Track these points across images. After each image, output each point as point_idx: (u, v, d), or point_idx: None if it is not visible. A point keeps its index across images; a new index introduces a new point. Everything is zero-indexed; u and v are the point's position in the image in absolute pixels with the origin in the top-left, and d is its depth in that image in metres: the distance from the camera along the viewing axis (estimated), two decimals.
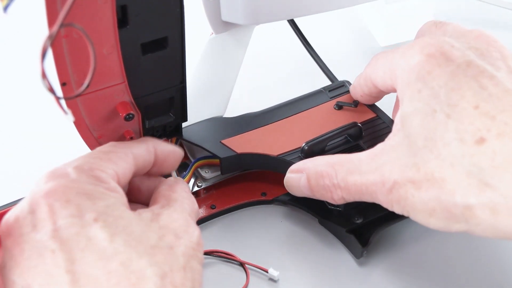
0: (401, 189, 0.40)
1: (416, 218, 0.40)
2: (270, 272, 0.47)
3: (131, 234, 0.35)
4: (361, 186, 0.42)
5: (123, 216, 0.36)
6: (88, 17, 0.36)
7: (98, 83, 0.40)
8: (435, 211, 0.39)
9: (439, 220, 0.39)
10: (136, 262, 0.34)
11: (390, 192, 0.40)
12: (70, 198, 0.35)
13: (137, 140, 0.44)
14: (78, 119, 0.42)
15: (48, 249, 0.34)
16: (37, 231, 0.35)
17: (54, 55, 0.37)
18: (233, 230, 0.50)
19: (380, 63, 0.46)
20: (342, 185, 0.43)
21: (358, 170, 0.42)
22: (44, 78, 0.28)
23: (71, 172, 0.37)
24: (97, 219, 0.35)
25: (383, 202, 0.42)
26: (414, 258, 0.48)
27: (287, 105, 0.54)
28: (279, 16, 0.54)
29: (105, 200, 0.36)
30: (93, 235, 0.34)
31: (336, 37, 0.70)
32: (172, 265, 0.35)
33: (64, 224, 0.34)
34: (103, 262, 0.34)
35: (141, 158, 0.43)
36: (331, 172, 0.44)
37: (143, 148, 0.43)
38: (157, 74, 0.44)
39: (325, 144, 0.49)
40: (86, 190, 0.36)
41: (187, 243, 0.37)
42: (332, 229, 0.49)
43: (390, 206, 0.41)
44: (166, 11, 0.40)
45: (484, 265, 0.48)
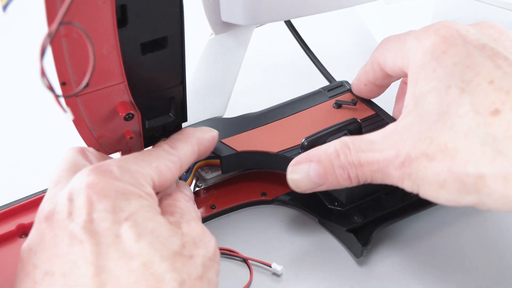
0: (414, 163, 0.40)
1: (426, 193, 0.40)
2: (274, 266, 0.47)
3: (158, 237, 0.36)
4: (374, 163, 0.42)
5: (153, 219, 0.37)
6: (87, 17, 0.36)
7: (97, 82, 0.40)
8: (446, 182, 0.38)
9: (450, 192, 0.38)
10: (157, 265, 0.35)
11: (402, 166, 0.40)
12: (108, 194, 0.36)
13: (181, 139, 0.45)
14: (78, 118, 0.42)
15: (78, 239, 0.35)
16: (72, 219, 0.36)
17: (54, 55, 0.37)
18: (234, 229, 0.50)
19: (391, 45, 0.46)
20: (356, 163, 0.43)
21: (370, 148, 0.42)
22: (43, 76, 0.29)
23: (115, 170, 0.38)
24: (127, 218, 0.36)
25: (394, 177, 0.41)
26: (414, 257, 0.48)
27: (286, 105, 0.54)
28: (279, 17, 0.54)
29: (140, 202, 0.37)
30: (121, 233, 0.35)
31: (335, 37, 0.70)
32: (190, 274, 0.36)
33: (98, 217, 0.35)
34: (125, 260, 0.34)
35: (186, 164, 0.44)
36: (345, 150, 0.43)
37: (189, 152, 0.44)
38: (157, 74, 0.44)
39: (325, 140, 0.49)
40: (125, 190, 0.37)
41: (204, 253, 0.37)
42: (331, 229, 0.49)
43: (401, 181, 0.41)
44: (165, 11, 0.40)
45: (485, 265, 0.48)
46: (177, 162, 0.43)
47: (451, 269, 0.48)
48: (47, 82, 0.29)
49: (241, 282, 0.47)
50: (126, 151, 0.47)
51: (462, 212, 0.51)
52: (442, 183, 0.39)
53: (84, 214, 0.36)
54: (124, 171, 0.39)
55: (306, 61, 0.61)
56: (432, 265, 0.48)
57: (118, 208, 0.36)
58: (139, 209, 0.37)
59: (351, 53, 0.68)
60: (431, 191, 0.39)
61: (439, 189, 0.39)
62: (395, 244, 0.49)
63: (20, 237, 0.46)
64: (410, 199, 0.49)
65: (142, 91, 0.44)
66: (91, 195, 0.36)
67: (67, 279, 0.34)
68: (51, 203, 0.37)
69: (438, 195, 0.39)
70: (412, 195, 0.49)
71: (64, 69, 0.37)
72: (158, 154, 0.43)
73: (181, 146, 0.44)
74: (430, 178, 0.39)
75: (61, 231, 0.36)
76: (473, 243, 0.49)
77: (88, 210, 0.36)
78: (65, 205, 0.36)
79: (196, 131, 0.46)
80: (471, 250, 0.49)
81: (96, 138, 0.44)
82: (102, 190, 0.36)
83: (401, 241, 0.49)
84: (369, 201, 0.49)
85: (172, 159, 0.43)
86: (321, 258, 0.48)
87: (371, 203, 0.49)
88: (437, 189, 0.39)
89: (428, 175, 0.39)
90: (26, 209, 0.47)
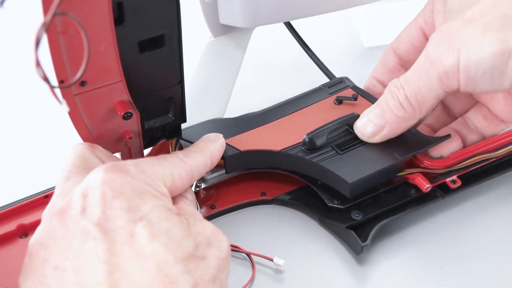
0: (452, 30, 0.44)
1: (469, 50, 0.43)
2: (276, 261, 0.47)
3: (172, 238, 0.36)
4: (415, 70, 0.46)
5: (168, 219, 0.37)
6: (84, 14, 0.36)
7: (96, 81, 0.41)
8: (489, 24, 0.43)
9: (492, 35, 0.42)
10: (171, 266, 0.35)
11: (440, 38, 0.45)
12: (124, 192, 0.36)
13: (197, 151, 0.45)
14: (77, 118, 0.42)
15: (91, 235, 0.35)
16: (85, 215, 0.35)
17: (52, 53, 0.37)
18: (235, 227, 0.50)
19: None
20: (401, 83, 0.47)
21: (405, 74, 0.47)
22: (38, 66, 0.29)
23: (131, 169, 0.38)
24: (142, 218, 0.36)
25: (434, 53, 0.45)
26: (413, 256, 0.48)
27: (287, 103, 0.54)
28: (277, 19, 0.55)
29: (155, 201, 0.37)
30: (135, 232, 0.35)
31: (331, 36, 0.70)
32: (203, 275, 0.36)
33: (112, 215, 0.35)
34: (140, 260, 0.34)
35: (197, 175, 0.44)
36: (391, 86, 0.48)
37: (202, 164, 0.44)
38: (155, 73, 0.44)
39: (326, 135, 0.49)
40: (141, 188, 0.37)
41: (218, 253, 0.37)
42: (331, 227, 0.49)
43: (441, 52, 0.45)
44: (162, 9, 0.41)
45: (485, 263, 0.48)
46: (190, 172, 0.43)
47: (451, 266, 0.47)
48: (42, 73, 0.29)
49: (243, 277, 0.47)
50: (126, 151, 0.47)
51: (462, 210, 0.51)
52: (485, 26, 0.42)
53: (99, 211, 0.35)
54: (140, 171, 0.39)
55: (306, 60, 0.61)
56: (431, 263, 0.48)
57: (133, 206, 0.36)
58: (154, 208, 0.36)
59: (347, 52, 0.68)
60: (474, 42, 0.43)
61: (482, 35, 0.42)
62: (394, 243, 0.49)
63: (20, 238, 0.46)
64: (409, 196, 0.49)
65: (140, 90, 0.44)
66: (106, 191, 0.36)
67: (79, 275, 0.34)
68: (64, 198, 0.37)
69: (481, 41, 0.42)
70: (411, 192, 0.49)
71: (62, 66, 0.38)
72: (173, 161, 0.43)
73: (195, 157, 0.44)
74: (471, 32, 0.43)
75: (73, 227, 0.35)
76: (473, 241, 0.49)
77: (103, 207, 0.35)
78: (79, 201, 0.36)
79: (208, 144, 0.46)
80: (471, 248, 0.49)
81: (95, 138, 0.44)
82: (118, 187, 0.36)
83: (401, 240, 0.49)
84: (369, 199, 0.49)
85: (185, 168, 0.43)
86: (321, 256, 0.48)
87: (370, 201, 0.49)
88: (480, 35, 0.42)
89: (468, 31, 0.43)
90: (27, 209, 0.47)
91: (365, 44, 0.68)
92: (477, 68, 0.43)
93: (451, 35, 0.44)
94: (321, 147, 0.49)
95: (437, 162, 0.50)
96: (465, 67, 0.43)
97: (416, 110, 0.47)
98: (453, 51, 0.44)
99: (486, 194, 0.52)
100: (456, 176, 0.50)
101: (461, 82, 0.44)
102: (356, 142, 0.49)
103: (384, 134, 0.48)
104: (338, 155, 0.49)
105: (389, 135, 0.48)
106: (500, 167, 0.52)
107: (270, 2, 0.52)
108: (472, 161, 0.50)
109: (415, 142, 0.49)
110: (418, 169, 0.50)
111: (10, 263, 0.44)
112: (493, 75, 0.43)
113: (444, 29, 0.45)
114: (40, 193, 0.48)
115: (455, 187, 0.49)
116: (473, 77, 0.44)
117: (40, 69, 0.29)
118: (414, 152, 0.49)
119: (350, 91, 0.54)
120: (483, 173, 0.51)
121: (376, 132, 0.48)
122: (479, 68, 0.43)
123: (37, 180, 0.50)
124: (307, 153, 0.49)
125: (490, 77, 0.43)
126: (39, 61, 0.29)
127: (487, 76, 0.43)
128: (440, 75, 0.45)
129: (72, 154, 0.41)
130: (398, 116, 0.47)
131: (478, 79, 0.44)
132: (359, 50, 0.68)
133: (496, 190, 0.52)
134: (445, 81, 0.45)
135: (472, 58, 0.43)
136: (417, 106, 0.46)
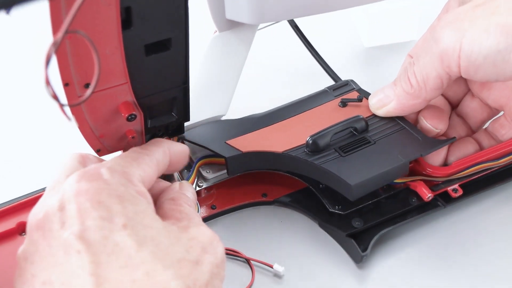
0: (457, 21, 0.44)
1: (471, 41, 0.43)
2: (275, 267, 0.47)
3: (159, 245, 0.35)
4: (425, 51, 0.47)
5: (152, 225, 0.36)
6: (91, 19, 0.36)
7: (101, 83, 0.40)
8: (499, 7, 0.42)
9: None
10: (161, 273, 0.34)
11: (447, 24, 0.45)
12: (101, 200, 0.35)
13: (153, 143, 0.44)
14: (81, 118, 0.42)
15: (74, 248, 0.34)
16: (65, 229, 0.35)
17: (57, 56, 0.37)
18: (235, 229, 0.50)
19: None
20: (412, 60, 0.48)
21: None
22: (48, 85, 0.28)
23: (104, 172, 0.37)
24: (126, 225, 0.35)
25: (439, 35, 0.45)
26: (413, 261, 0.48)
27: (291, 105, 0.54)
28: (284, 16, 0.54)
29: (136, 205, 0.36)
30: (120, 241, 0.34)
31: (328, 35, 0.69)
32: (196, 280, 0.35)
33: (93, 225, 0.34)
34: (128, 269, 0.34)
35: (162, 164, 0.43)
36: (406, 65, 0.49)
37: (161, 153, 0.43)
38: (160, 75, 0.43)
39: (330, 137, 0.49)
40: (118, 192, 0.36)
41: (212, 259, 0.37)
42: (332, 232, 0.49)
43: (446, 38, 0.44)
44: (170, 13, 0.40)
45: (486, 270, 0.48)
46: (155, 161, 0.42)
47: (451, 273, 0.48)
48: (52, 91, 0.29)
49: (243, 282, 0.47)
50: (127, 150, 0.47)
51: (462, 217, 0.51)
52: (494, 9, 0.42)
53: (78, 223, 0.35)
54: (113, 172, 0.38)
55: (308, 61, 0.61)
56: (431, 270, 0.48)
57: (113, 214, 0.35)
58: (136, 214, 0.36)
59: (347, 52, 0.67)
60: (480, 23, 0.42)
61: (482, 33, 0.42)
62: (394, 248, 0.49)
63: (20, 235, 0.46)
64: (410, 204, 0.49)
65: (145, 92, 0.43)
66: (82, 202, 0.35)
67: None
68: (42, 209, 0.37)
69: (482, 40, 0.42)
70: (412, 201, 0.49)
71: (67, 70, 0.37)
72: (137, 156, 0.42)
73: (152, 148, 0.43)
74: (478, 14, 0.43)
75: (55, 241, 0.35)
76: (474, 248, 0.49)
77: (81, 218, 0.35)
78: (56, 215, 0.35)
79: (160, 140, 0.45)
80: (472, 255, 0.49)
81: (98, 137, 0.44)
82: (94, 195, 0.35)
83: (401, 244, 0.49)
84: (370, 205, 0.49)
85: (151, 159, 0.42)
86: (322, 259, 0.48)
87: (371, 207, 0.49)
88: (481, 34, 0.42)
89: (476, 13, 0.43)
90: (27, 207, 0.47)
91: (365, 45, 0.68)
92: (480, 51, 0.43)
93: (459, 16, 0.44)
94: (324, 149, 0.49)
95: (439, 170, 0.49)
96: (467, 48, 0.43)
97: (422, 88, 0.47)
98: (457, 31, 0.43)
99: (487, 202, 0.52)
100: (457, 185, 0.50)
101: (461, 63, 0.44)
102: (359, 144, 0.49)
103: (391, 107, 0.49)
104: (341, 157, 0.48)
105: (395, 110, 0.49)
106: (501, 176, 0.52)
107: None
108: (474, 169, 0.50)
109: (420, 144, 0.49)
110: (419, 176, 0.50)
111: (10, 260, 0.44)
112: (496, 61, 0.43)
113: (454, 11, 0.45)
114: (40, 191, 0.48)
115: (456, 196, 0.49)
116: (475, 60, 0.43)
117: (50, 87, 0.28)
118: (418, 154, 0.48)
119: (355, 94, 0.54)
120: (484, 181, 0.51)
121: (384, 104, 0.50)
122: (481, 52, 0.43)
123: (37, 178, 0.50)
124: (310, 155, 0.49)
125: (493, 62, 0.43)
126: (49, 80, 0.28)
127: (490, 60, 0.43)
128: (441, 54, 0.44)
129: (61, 165, 0.40)
130: (405, 90, 0.48)
131: (479, 63, 0.43)
132: (359, 50, 0.67)
133: (497, 198, 0.52)
134: (445, 60, 0.44)
135: (475, 39, 0.42)
136: (422, 83, 0.47)
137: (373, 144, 0.49)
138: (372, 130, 0.50)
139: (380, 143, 0.49)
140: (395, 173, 0.48)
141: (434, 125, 0.50)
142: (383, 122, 0.51)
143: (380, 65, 0.66)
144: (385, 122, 0.51)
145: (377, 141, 0.49)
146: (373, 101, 0.51)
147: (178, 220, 0.39)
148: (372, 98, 0.51)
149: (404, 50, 0.56)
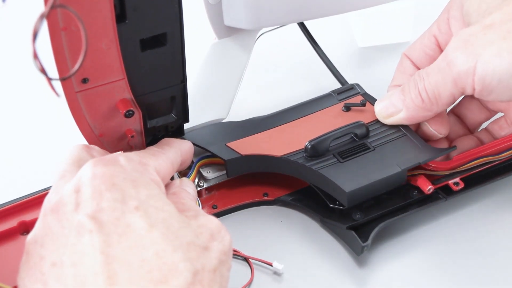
0: (471, 37, 0.45)
1: (485, 63, 0.43)
2: (275, 265, 0.47)
3: (169, 227, 0.36)
4: (434, 68, 0.47)
5: (164, 209, 0.37)
6: (85, 10, 0.37)
7: (98, 78, 0.41)
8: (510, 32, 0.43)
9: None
10: (170, 254, 0.35)
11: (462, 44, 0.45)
12: (116, 183, 0.36)
13: (166, 143, 0.46)
14: (79, 116, 0.43)
15: (86, 228, 0.35)
16: (79, 210, 0.36)
17: (54, 49, 0.38)
18: (235, 229, 0.50)
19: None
20: (422, 75, 0.48)
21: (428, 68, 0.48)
22: (36, 58, 0.29)
23: (121, 159, 0.39)
24: (138, 207, 0.36)
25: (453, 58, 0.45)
26: (414, 258, 0.48)
27: (294, 109, 0.54)
28: (281, 21, 0.55)
29: (149, 190, 0.37)
30: (132, 222, 0.35)
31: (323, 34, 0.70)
32: (204, 265, 0.36)
33: (107, 207, 0.35)
34: (138, 249, 0.34)
35: (176, 162, 0.45)
36: (415, 76, 0.49)
37: (174, 152, 0.45)
38: (157, 72, 0.44)
39: (329, 143, 0.49)
40: (133, 177, 0.37)
41: (220, 247, 0.38)
42: (332, 227, 0.49)
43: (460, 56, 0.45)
44: (164, 7, 0.41)
45: (486, 264, 0.47)
46: (169, 160, 0.44)
47: (453, 269, 0.47)
48: (40, 65, 0.30)
49: (242, 280, 0.47)
50: (128, 150, 0.47)
51: (464, 212, 0.51)
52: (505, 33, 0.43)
53: (93, 205, 0.36)
54: (130, 160, 0.39)
55: (312, 64, 0.61)
56: (433, 266, 0.47)
57: (127, 196, 0.36)
58: (149, 198, 0.37)
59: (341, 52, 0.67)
60: (493, 48, 0.43)
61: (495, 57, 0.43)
62: (395, 245, 0.49)
63: (22, 234, 0.46)
64: (411, 197, 0.49)
65: (142, 89, 0.44)
66: (98, 185, 0.36)
67: (77, 269, 0.34)
68: (57, 194, 0.38)
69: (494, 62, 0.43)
70: (413, 194, 0.49)
71: (64, 63, 0.38)
72: (153, 152, 0.44)
73: (168, 149, 0.46)
74: (490, 38, 0.43)
75: (68, 222, 0.36)
76: (476, 243, 0.49)
77: (97, 200, 0.36)
78: (71, 197, 0.36)
79: (175, 140, 0.48)
80: (473, 250, 0.48)
81: (97, 136, 0.45)
82: (110, 179, 0.36)
83: (402, 242, 0.49)
84: (370, 200, 0.49)
85: (166, 157, 0.44)
86: (322, 258, 0.48)
87: (372, 202, 0.49)
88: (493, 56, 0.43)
89: (487, 37, 0.43)
90: (28, 206, 0.47)
91: (359, 44, 0.68)
92: (494, 75, 0.43)
93: (470, 39, 0.44)
94: (322, 154, 0.49)
95: (440, 164, 0.49)
96: (481, 73, 0.43)
97: (433, 103, 0.47)
98: (470, 55, 0.44)
99: (489, 196, 0.52)
100: (459, 178, 0.49)
101: (476, 87, 0.44)
102: (358, 150, 0.49)
103: (400, 117, 0.49)
104: (339, 163, 0.48)
105: (404, 120, 0.49)
106: (503, 170, 0.51)
107: (274, 4, 0.52)
108: (476, 163, 0.50)
109: (419, 153, 0.48)
110: (421, 170, 0.50)
111: (11, 260, 0.44)
112: (510, 84, 0.43)
113: (464, 32, 0.45)
114: (42, 191, 0.48)
115: (457, 189, 0.49)
116: (489, 84, 0.44)
117: (38, 61, 0.29)
118: (416, 163, 0.48)
119: (359, 98, 0.54)
120: (486, 175, 0.51)
121: (393, 114, 0.50)
122: (495, 75, 0.43)
123: (39, 177, 0.50)
124: (308, 160, 0.49)
125: (507, 85, 0.43)
126: (37, 53, 0.29)
127: (504, 84, 0.43)
128: (454, 78, 0.45)
129: (68, 154, 0.41)
130: (415, 104, 0.48)
131: (493, 86, 0.44)
132: (353, 50, 0.68)
133: (499, 192, 0.52)
134: (459, 84, 0.45)
135: (489, 64, 0.43)
136: (434, 99, 0.47)
137: (372, 151, 0.49)
138: (373, 136, 0.50)
139: (379, 150, 0.49)
140: (392, 182, 0.48)
141: (438, 130, 0.50)
142: (384, 128, 0.51)
143: (374, 66, 0.66)
144: (386, 128, 0.51)
145: (377, 148, 0.49)
146: (378, 108, 0.51)
147: (183, 211, 0.40)
148: (378, 105, 0.51)
149: (399, 51, 0.56)
